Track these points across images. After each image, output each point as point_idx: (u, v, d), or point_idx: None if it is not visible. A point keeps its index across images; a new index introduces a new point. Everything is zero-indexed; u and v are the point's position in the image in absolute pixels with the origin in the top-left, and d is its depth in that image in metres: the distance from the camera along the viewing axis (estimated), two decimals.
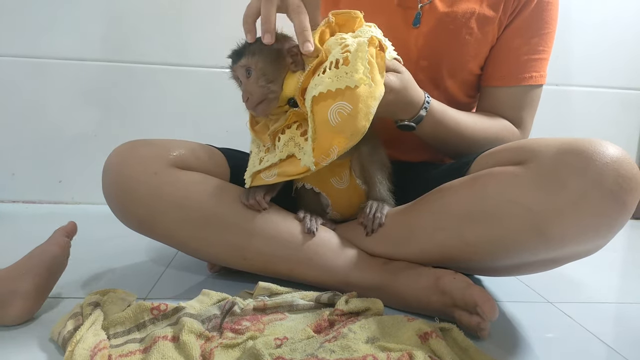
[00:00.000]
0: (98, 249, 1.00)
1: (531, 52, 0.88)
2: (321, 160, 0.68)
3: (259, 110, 0.73)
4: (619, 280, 1.02)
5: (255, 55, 0.72)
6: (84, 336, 0.58)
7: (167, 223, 0.76)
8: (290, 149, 0.72)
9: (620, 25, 1.51)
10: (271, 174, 0.73)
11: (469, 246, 0.70)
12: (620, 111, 1.56)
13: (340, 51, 0.68)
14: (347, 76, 0.66)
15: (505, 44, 0.89)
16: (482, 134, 0.85)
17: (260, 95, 0.71)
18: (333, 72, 0.67)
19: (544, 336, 0.70)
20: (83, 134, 1.37)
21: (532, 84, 0.88)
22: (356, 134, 0.67)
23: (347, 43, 0.69)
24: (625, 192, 0.60)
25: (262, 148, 0.77)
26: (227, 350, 0.58)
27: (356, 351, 0.56)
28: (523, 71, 0.88)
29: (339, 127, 0.66)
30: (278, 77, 0.72)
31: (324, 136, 0.68)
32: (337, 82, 0.66)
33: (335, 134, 0.67)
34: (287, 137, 0.73)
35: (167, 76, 1.37)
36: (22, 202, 1.37)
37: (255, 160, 0.77)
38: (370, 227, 0.78)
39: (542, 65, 0.89)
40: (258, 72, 0.71)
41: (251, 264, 0.79)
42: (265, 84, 0.71)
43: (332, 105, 0.66)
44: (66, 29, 1.32)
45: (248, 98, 0.72)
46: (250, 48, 0.72)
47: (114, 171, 0.76)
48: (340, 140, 0.67)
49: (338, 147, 0.67)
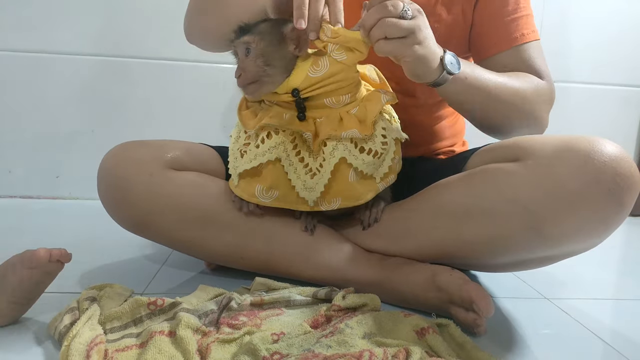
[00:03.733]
0: (95, 244, 1.00)
1: (512, 12, 0.85)
2: (322, 205, 0.74)
3: (249, 89, 0.70)
4: (615, 276, 1.03)
5: (259, 34, 0.69)
6: (81, 331, 0.58)
7: (164, 224, 0.76)
8: (279, 153, 0.71)
9: (619, 22, 1.50)
10: (269, 196, 0.73)
11: (465, 243, 0.70)
12: (619, 108, 1.56)
13: (380, 144, 0.73)
14: (373, 166, 0.73)
15: (483, 14, 0.86)
16: (514, 89, 0.80)
17: (254, 75, 0.69)
18: (366, 158, 0.72)
19: (541, 332, 0.71)
20: (80, 128, 1.36)
21: (526, 41, 0.85)
22: (361, 201, 0.75)
23: (384, 134, 0.74)
24: (623, 190, 0.59)
25: (243, 135, 0.75)
26: (224, 346, 0.58)
27: (353, 346, 0.56)
28: (513, 31, 0.85)
29: (350, 186, 0.73)
30: (277, 62, 0.69)
31: (334, 187, 0.73)
32: (364, 166, 0.72)
33: (346, 189, 0.73)
34: (278, 140, 0.71)
35: (164, 71, 1.36)
36: (20, 197, 1.37)
37: (235, 151, 0.75)
38: (366, 222, 0.78)
39: (528, 22, 0.86)
40: (257, 51, 0.69)
41: (248, 263, 0.79)
42: (262, 65, 0.68)
43: (352, 172, 0.73)
44: (63, 23, 1.31)
45: (240, 74, 0.69)
46: (256, 27, 0.70)
47: (109, 173, 0.76)
48: (344, 196, 0.74)
49: (342, 201, 0.73)
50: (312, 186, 0.72)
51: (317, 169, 0.72)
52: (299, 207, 0.74)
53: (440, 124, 0.97)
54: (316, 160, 0.72)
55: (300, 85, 0.69)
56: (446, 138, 0.98)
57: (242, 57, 0.70)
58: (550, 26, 1.46)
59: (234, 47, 0.72)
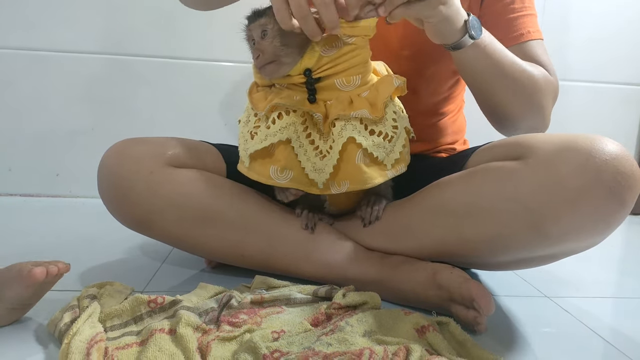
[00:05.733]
0: (95, 242, 1.00)
1: (517, 10, 0.86)
2: (332, 187, 0.73)
3: (268, 70, 0.71)
4: (616, 275, 1.03)
5: (273, 17, 0.69)
6: (81, 329, 0.58)
7: (164, 222, 0.76)
8: (290, 134, 0.71)
9: (619, 20, 1.50)
10: (285, 177, 0.73)
11: (466, 242, 0.70)
12: (620, 107, 1.55)
13: (391, 128, 0.73)
14: (384, 150, 0.72)
15: (490, 11, 0.87)
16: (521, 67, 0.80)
17: (272, 55, 0.70)
18: (376, 139, 0.72)
19: (541, 330, 0.71)
20: (80, 127, 1.36)
21: (531, 39, 0.86)
22: (369, 185, 0.73)
23: (395, 118, 0.74)
24: (624, 189, 0.59)
25: (253, 118, 0.75)
26: (224, 343, 0.58)
27: (353, 344, 0.56)
28: (518, 29, 0.85)
29: (358, 169, 0.72)
30: (294, 43, 0.70)
31: (343, 168, 0.72)
32: (374, 147, 0.71)
33: (354, 171, 0.72)
34: (289, 120, 0.71)
35: (164, 69, 1.36)
36: (20, 195, 1.37)
37: (245, 134, 0.76)
38: (367, 220, 0.78)
39: (532, 21, 0.87)
40: (274, 32, 0.70)
41: (249, 261, 0.79)
42: (279, 46, 0.70)
43: (360, 153, 0.71)
44: (63, 21, 1.31)
45: (259, 55, 0.70)
46: (270, 10, 0.71)
47: (110, 171, 0.76)
48: (352, 178, 0.72)
49: (350, 184, 0.72)
50: (321, 167, 0.72)
51: (327, 150, 0.72)
52: (311, 190, 0.74)
53: (441, 122, 0.97)
54: (326, 142, 0.72)
55: (313, 65, 0.70)
56: (447, 135, 0.98)
57: (258, 39, 0.72)
58: (551, 25, 1.46)
59: (248, 31, 0.73)
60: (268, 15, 0.71)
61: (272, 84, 0.76)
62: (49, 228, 1.12)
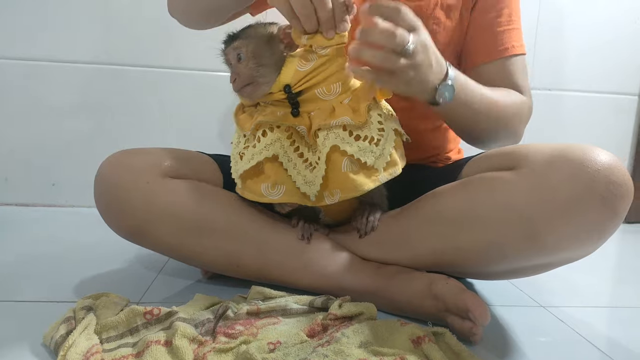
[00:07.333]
0: (91, 252, 1.00)
1: (505, 23, 0.88)
2: (325, 198, 0.72)
3: (246, 92, 0.72)
4: (611, 284, 1.03)
5: (247, 38, 0.72)
6: (77, 340, 0.58)
7: (160, 232, 0.76)
8: (276, 150, 0.71)
9: (613, 31, 1.52)
10: (277, 192, 0.72)
11: (461, 251, 0.71)
12: (613, 116, 1.57)
13: (377, 130, 0.72)
14: (372, 154, 0.71)
15: (478, 22, 0.88)
16: (501, 106, 0.82)
17: (249, 77, 0.71)
18: (362, 144, 0.71)
19: (537, 340, 0.71)
20: (77, 136, 1.36)
21: (515, 53, 0.88)
22: (360, 191, 0.71)
23: (380, 121, 0.73)
24: (616, 198, 0.60)
25: (242, 139, 0.76)
26: (220, 355, 0.58)
27: (349, 355, 0.56)
28: (504, 42, 0.87)
29: (345, 176, 0.71)
30: (270, 62, 0.71)
31: (332, 178, 0.71)
32: (360, 152, 0.70)
33: (342, 180, 0.71)
34: (274, 137, 0.72)
35: (161, 79, 1.37)
36: (16, 204, 1.36)
37: (235, 155, 0.76)
38: (363, 230, 0.78)
39: (518, 35, 0.89)
40: (249, 54, 0.71)
41: (245, 271, 0.79)
42: (255, 67, 0.71)
43: (346, 161, 0.70)
44: (60, 31, 1.32)
45: (235, 79, 0.72)
46: (243, 32, 0.73)
47: (106, 181, 0.76)
48: (342, 187, 0.71)
49: (341, 193, 0.71)
50: (311, 180, 0.72)
51: (316, 162, 0.72)
52: (305, 202, 0.74)
53: (435, 129, 0.97)
54: (315, 154, 0.72)
55: (291, 81, 0.71)
56: (442, 144, 0.98)
57: (234, 63, 0.73)
58: (544, 35, 1.47)
59: (225, 55, 0.75)
60: (241, 37, 0.72)
61: (257, 103, 0.76)
62: (44, 238, 1.11)
